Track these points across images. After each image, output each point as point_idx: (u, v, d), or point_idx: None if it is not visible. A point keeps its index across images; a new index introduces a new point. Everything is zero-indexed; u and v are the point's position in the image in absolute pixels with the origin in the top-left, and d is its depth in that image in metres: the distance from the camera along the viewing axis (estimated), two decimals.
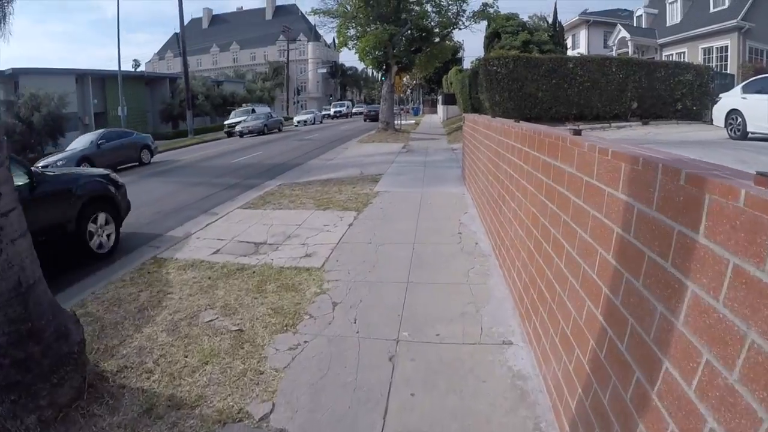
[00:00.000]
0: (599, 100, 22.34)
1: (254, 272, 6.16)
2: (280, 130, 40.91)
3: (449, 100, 42.11)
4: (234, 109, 46.70)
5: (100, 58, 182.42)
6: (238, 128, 36.95)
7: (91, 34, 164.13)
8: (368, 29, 26.76)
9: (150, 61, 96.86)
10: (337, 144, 25.08)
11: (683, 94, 23.22)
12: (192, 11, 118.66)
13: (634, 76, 22.60)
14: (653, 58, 32.69)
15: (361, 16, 27.03)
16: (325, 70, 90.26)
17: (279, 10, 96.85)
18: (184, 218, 10.19)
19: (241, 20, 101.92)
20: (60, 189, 7.27)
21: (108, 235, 7.95)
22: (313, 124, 50.44)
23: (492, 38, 41.74)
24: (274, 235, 7.90)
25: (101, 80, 43.12)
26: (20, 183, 6.12)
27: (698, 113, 23.35)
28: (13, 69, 38.55)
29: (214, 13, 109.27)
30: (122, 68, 37.39)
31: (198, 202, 12.11)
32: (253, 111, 41.89)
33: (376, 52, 27.28)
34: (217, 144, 32.84)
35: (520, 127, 4.63)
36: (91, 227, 7.58)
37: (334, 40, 33.84)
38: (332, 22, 28.41)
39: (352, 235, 7.52)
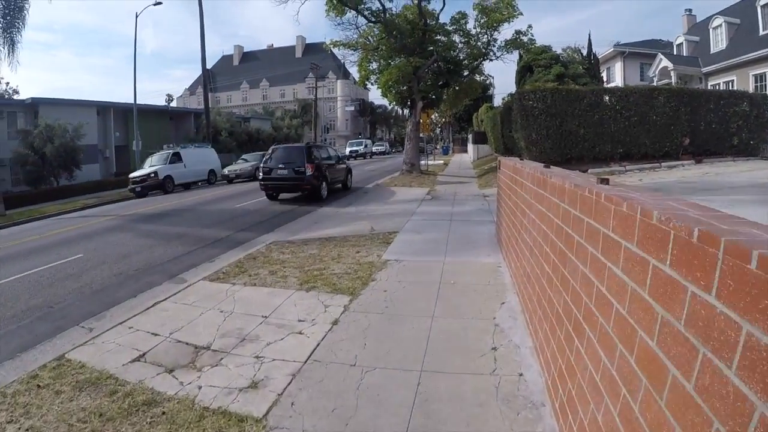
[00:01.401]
0: (647, 136, 19.62)
1: (163, 415, 3.92)
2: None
3: (480, 138, 39.71)
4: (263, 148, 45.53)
5: (139, 92, 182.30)
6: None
7: (127, 69, 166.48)
8: (391, 62, 24.42)
9: (181, 96, 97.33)
10: (361, 185, 22.83)
11: (739, 127, 20.36)
12: (224, 48, 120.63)
13: (685, 108, 19.86)
14: (698, 88, 29.79)
15: (383, 48, 24.79)
16: (353, 108, 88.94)
17: (309, 48, 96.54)
18: (141, 286, 8.20)
19: (272, 58, 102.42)
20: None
21: None
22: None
23: (524, 72, 39.41)
24: (225, 334, 5.52)
25: (124, 113, 42.06)
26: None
27: (755, 148, 20.62)
28: (32, 98, 38.03)
29: (245, 50, 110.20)
30: (156, 103, 36.51)
31: (170, 262, 10.01)
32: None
33: (400, 87, 24.81)
34: (234, 183, 31.02)
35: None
36: None
37: (365, 84, 31.29)
38: (353, 54, 26.26)
39: (331, 344, 5.01)
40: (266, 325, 5.67)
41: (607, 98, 19.62)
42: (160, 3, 32.59)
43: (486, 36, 25.06)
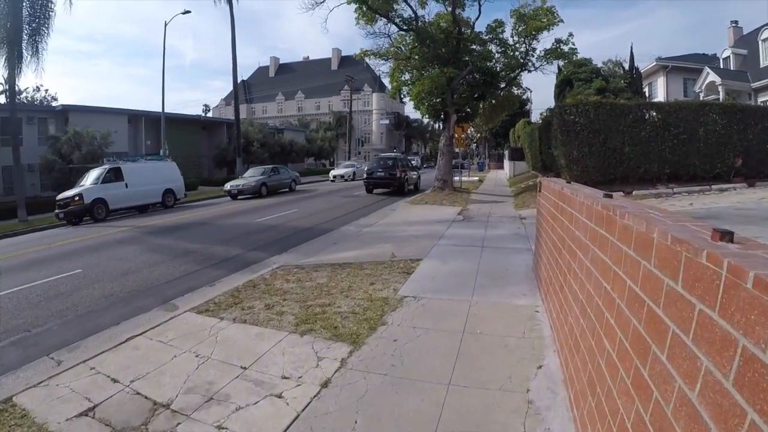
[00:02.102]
0: (696, 156, 17.88)
1: None
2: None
3: (517, 155, 38.18)
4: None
5: (177, 101, 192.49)
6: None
7: (167, 79, 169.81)
8: (424, 73, 23.16)
9: (217, 106, 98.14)
10: (385, 203, 21.62)
11: None
12: (260, 60, 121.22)
13: (737, 126, 18.06)
14: (750, 104, 27.73)
15: (416, 57, 23.59)
16: (387, 121, 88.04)
17: (344, 61, 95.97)
18: (129, 311, 7.44)
19: (308, 70, 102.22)
20: None
21: None
22: (353, 180, 40.96)
23: (563, 86, 37.91)
24: (192, 388, 4.51)
25: (155, 122, 41.64)
26: None
27: None
28: (63, 105, 38.44)
29: (281, 62, 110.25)
30: (193, 113, 36.33)
31: (168, 283, 9.19)
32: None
33: (433, 99, 23.53)
34: (239, 200, 30.17)
35: None
36: None
37: (400, 96, 30.00)
38: (384, 63, 25.08)
39: (313, 418, 3.86)
40: (242, 380, 4.58)
41: (653, 114, 18.09)
42: (188, 12, 32.85)
43: (524, 45, 23.57)
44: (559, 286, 4.69)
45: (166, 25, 32.55)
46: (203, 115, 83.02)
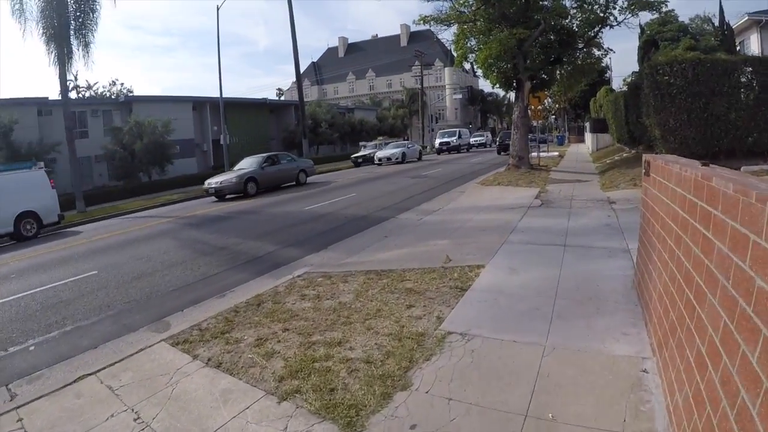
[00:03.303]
0: None
1: None
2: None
3: (599, 126, 34.50)
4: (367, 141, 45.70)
5: (251, 87, 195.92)
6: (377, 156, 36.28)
7: (242, 66, 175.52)
8: (491, 36, 20.29)
9: (289, 89, 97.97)
10: (455, 184, 19.29)
11: None
12: (329, 41, 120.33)
13: None
14: None
15: (480, 20, 20.75)
16: (460, 96, 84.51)
17: (414, 36, 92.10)
18: (115, 331, 6.38)
19: (377, 48, 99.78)
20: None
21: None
22: (402, 162, 35.14)
23: (647, 48, 34.03)
24: None
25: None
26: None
27: None
28: (126, 96, 39.03)
29: (350, 41, 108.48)
30: (268, 97, 36.07)
31: (177, 290, 8.00)
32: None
33: (503, 65, 20.60)
34: (326, 177, 28.99)
35: None
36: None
37: (472, 65, 27.15)
38: (445, 29, 22.25)
39: None
40: None
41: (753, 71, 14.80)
42: None
43: None
44: (687, 332, 2.59)
45: (218, 9, 31.55)
46: (279, 98, 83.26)
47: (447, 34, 48.54)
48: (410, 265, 7.26)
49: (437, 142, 48.11)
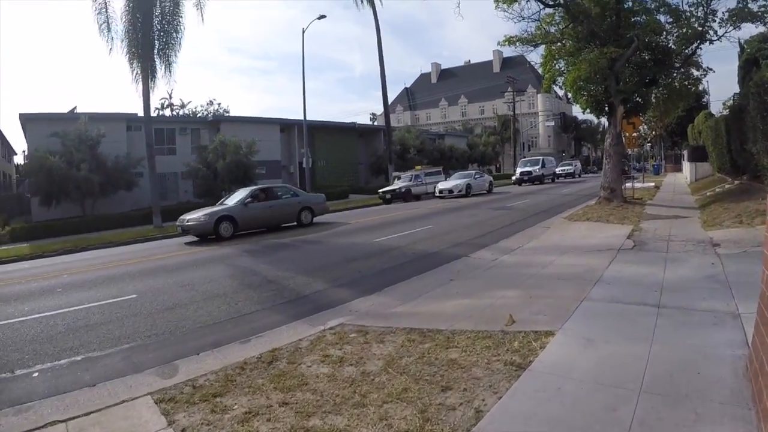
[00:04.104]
0: None
1: None
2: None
3: (698, 155, 31.43)
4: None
5: (345, 111, 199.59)
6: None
7: (337, 91, 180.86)
8: (580, 56, 18.51)
9: (381, 113, 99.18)
10: (541, 218, 17.57)
11: None
12: (422, 66, 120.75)
13: None
14: None
15: (569, 41, 19.20)
16: (552, 123, 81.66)
17: (506, 62, 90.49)
18: (123, 367, 5.97)
19: (469, 74, 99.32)
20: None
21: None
22: (466, 195, 31.51)
23: (748, 68, 30.57)
24: None
25: (309, 130, 41.47)
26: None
27: None
28: (214, 116, 40.07)
29: (442, 67, 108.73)
30: (360, 122, 36.39)
31: (200, 329, 7.25)
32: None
33: (593, 87, 18.86)
34: (406, 206, 27.88)
35: None
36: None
37: (567, 93, 25.34)
38: (531, 50, 20.62)
39: None
40: None
41: None
42: (323, 17, 32.12)
43: (701, 9, 18.04)
44: None
45: (303, 31, 32.35)
46: (372, 123, 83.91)
47: (535, 56, 46.70)
48: (464, 325, 5.96)
49: (518, 171, 44.51)
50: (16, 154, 55.23)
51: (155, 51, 24.35)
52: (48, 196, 27.31)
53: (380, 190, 33.80)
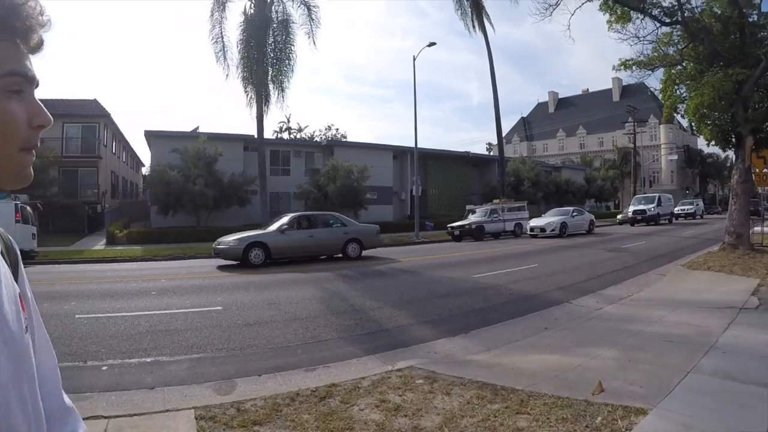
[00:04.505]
0: None
1: None
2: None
3: None
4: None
5: (461, 140, 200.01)
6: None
7: (453, 119, 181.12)
8: (702, 80, 16.65)
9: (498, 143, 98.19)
10: (656, 263, 15.97)
11: None
12: (539, 96, 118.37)
13: None
14: None
15: (689, 63, 17.32)
16: (676, 157, 76.29)
17: (626, 91, 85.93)
18: (185, 375, 6.19)
19: (588, 103, 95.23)
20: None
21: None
22: (559, 235, 28.90)
23: None
24: None
25: (422, 158, 41.86)
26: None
27: None
28: (328, 141, 41.72)
29: (560, 96, 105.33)
30: (476, 151, 36.78)
31: (272, 351, 7.23)
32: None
33: (717, 115, 17.08)
34: (518, 242, 26.95)
35: None
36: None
37: (691, 124, 23.21)
38: (648, 75, 19.10)
39: None
40: None
41: None
42: (433, 44, 31.76)
43: None
44: None
45: (414, 59, 32.12)
46: (488, 152, 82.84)
47: (655, 82, 43.72)
48: (544, 387, 5.22)
49: (630, 209, 40.77)
50: (144, 165, 59.83)
51: (269, 77, 25.74)
52: (165, 206, 29.63)
53: (450, 225, 30.44)
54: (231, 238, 16.98)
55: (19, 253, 1.00)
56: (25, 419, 0.83)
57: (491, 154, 72.81)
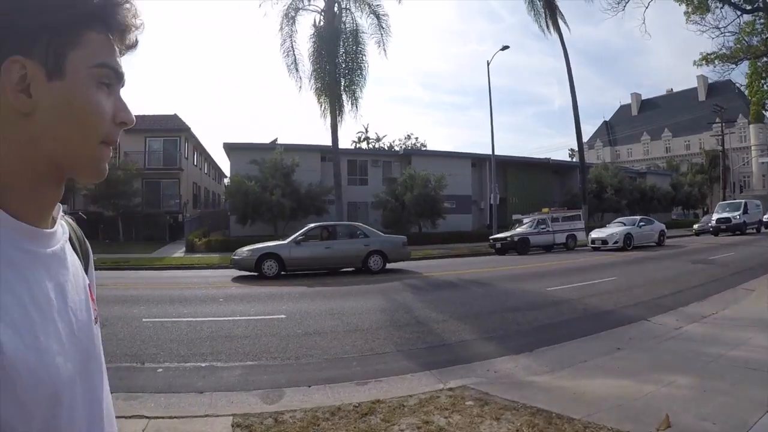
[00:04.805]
0: None
1: None
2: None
3: None
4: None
5: (543, 146, 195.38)
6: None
7: (535, 125, 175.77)
8: None
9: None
10: (747, 277, 14.42)
11: None
12: (621, 98, 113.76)
13: None
14: None
15: None
16: (767, 159, 70.98)
17: (712, 89, 79.86)
18: (234, 383, 6.26)
19: (672, 104, 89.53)
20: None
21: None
22: (624, 248, 25.96)
23: None
24: None
25: (502, 166, 41.36)
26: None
27: None
28: (405, 150, 43.77)
29: (643, 97, 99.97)
30: (558, 158, 36.34)
31: (329, 362, 7.15)
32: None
33: None
34: (575, 256, 24.87)
35: None
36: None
37: None
38: (732, 69, 17.75)
39: None
40: None
41: None
42: (506, 47, 31.71)
43: None
44: None
45: (488, 64, 32.18)
46: (570, 159, 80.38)
47: (739, 76, 40.91)
48: (604, 417, 4.78)
49: (714, 218, 36.88)
50: (226, 177, 62.14)
51: (341, 88, 26.19)
52: (244, 216, 30.74)
53: (492, 237, 28.13)
54: (246, 248, 16.80)
55: (90, 247, 1.02)
56: (89, 419, 0.82)
57: (573, 160, 70.38)
